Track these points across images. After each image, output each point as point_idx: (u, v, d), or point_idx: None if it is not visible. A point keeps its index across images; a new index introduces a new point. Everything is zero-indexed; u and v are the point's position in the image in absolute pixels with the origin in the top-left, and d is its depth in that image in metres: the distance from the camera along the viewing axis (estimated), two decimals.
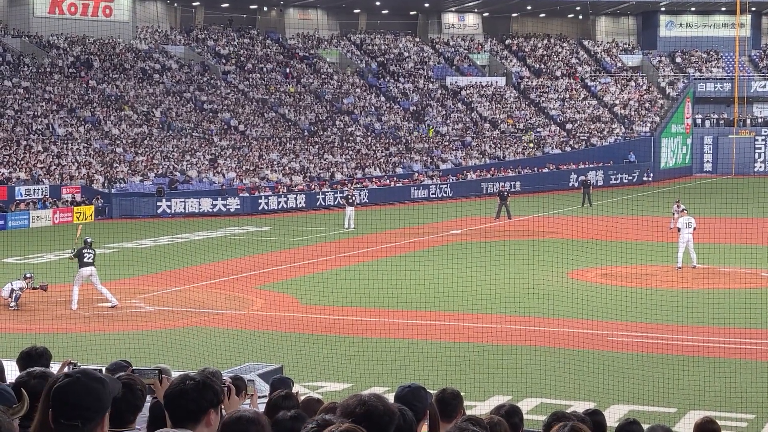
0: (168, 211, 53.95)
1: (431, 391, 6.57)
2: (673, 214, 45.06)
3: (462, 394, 7.21)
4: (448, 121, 78.14)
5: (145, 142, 62.16)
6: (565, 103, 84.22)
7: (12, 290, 26.92)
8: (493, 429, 6.60)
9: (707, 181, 77.25)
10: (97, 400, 4.22)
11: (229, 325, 24.85)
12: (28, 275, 27.59)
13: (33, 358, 7.53)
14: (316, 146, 68.51)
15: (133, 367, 7.50)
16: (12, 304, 26.74)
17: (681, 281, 31.01)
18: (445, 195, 64.54)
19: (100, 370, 7.77)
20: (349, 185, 59.65)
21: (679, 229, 33.65)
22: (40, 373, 5.82)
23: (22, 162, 54.67)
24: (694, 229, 33.48)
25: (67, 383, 4.21)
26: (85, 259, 26.63)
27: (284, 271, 34.05)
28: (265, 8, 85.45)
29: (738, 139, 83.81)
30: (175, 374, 7.48)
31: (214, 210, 54.84)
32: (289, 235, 45.52)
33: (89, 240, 27.28)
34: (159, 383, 6.52)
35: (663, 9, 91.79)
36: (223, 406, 5.36)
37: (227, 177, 59.62)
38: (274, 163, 64.02)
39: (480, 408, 16.37)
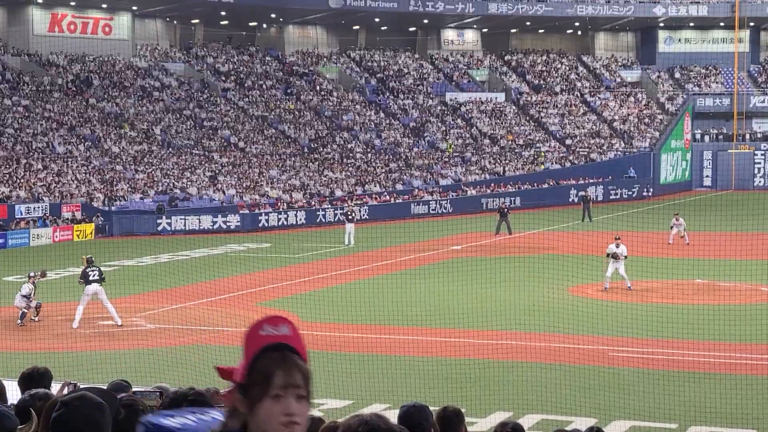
0: (168, 228, 53.93)
1: (433, 408, 6.58)
2: (672, 227, 45.14)
3: (463, 410, 7.21)
4: (448, 137, 78.19)
5: (145, 159, 62.21)
6: (565, 119, 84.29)
7: (22, 296, 27.29)
8: None
9: (707, 196, 77.28)
10: (96, 426, 4.21)
11: (230, 342, 24.81)
12: (32, 274, 27.91)
13: (34, 379, 7.52)
14: (316, 163, 68.57)
15: (134, 389, 7.49)
16: (18, 321, 27.05)
17: (680, 296, 30.99)
18: (445, 211, 64.55)
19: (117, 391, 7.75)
20: (349, 201, 59.69)
21: (610, 255, 32.77)
22: (43, 394, 5.82)
23: (22, 180, 54.71)
24: (625, 257, 32.63)
25: (65, 413, 4.19)
26: (90, 278, 26.72)
27: (284, 287, 34.03)
28: (265, 25, 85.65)
29: (737, 154, 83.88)
30: (157, 388, 7.48)
31: (214, 227, 54.81)
32: (290, 251, 45.51)
33: (90, 258, 27.36)
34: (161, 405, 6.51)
35: (662, 24, 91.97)
36: None
37: (227, 194, 59.65)
38: (274, 179, 64.05)
39: (481, 424, 16.35)
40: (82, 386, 7.35)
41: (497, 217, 51.34)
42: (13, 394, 6.98)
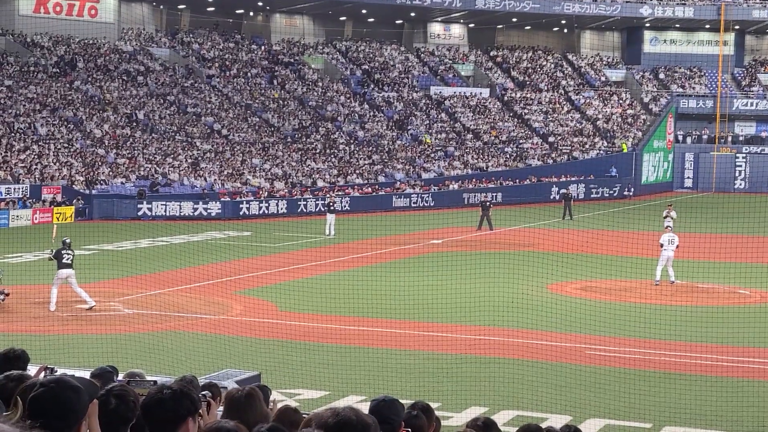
0: (148, 213, 53.79)
1: (406, 401, 6.59)
2: (665, 217, 44.72)
3: (438, 405, 7.21)
4: (432, 130, 78.22)
5: (128, 143, 61.99)
6: (548, 116, 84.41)
7: None
8: None
9: (687, 197, 77.56)
10: (71, 409, 4.25)
11: (207, 330, 24.81)
12: None
13: (10, 360, 7.50)
14: (299, 152, 68.49)
15: (125, 374, 7.47)
16: None
17: (659, 297, 31.13)
18: (426, 204, 64.59)
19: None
20: (331, 192, 59.67)
21: (662, 245, 33.72)
22: (17, 376, 5.81)
23: (3, 161, 54.43)
24: (677, 246, 33.65)
25: (41, 393, 4.25)
26: (64, 260, 26.55)
27: (264, 276, 34.00)
28: (251, 13, 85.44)
29: (719, 156, 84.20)
30: (149, 378, 7.47)
31: (195, 214, 54.69)
32: (270, 240, 45.48)
33: (67, 240, 27.14)
34: None
35: (648, 25, 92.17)
36: (201, 420, 5.34)
37: (209, 181, 59.52)
38: (257, 168, 63.95)
39: (456, 419, 16.37)
40: (59, 370, 7.34)
41: (479, 212, 51.39)
42: None
